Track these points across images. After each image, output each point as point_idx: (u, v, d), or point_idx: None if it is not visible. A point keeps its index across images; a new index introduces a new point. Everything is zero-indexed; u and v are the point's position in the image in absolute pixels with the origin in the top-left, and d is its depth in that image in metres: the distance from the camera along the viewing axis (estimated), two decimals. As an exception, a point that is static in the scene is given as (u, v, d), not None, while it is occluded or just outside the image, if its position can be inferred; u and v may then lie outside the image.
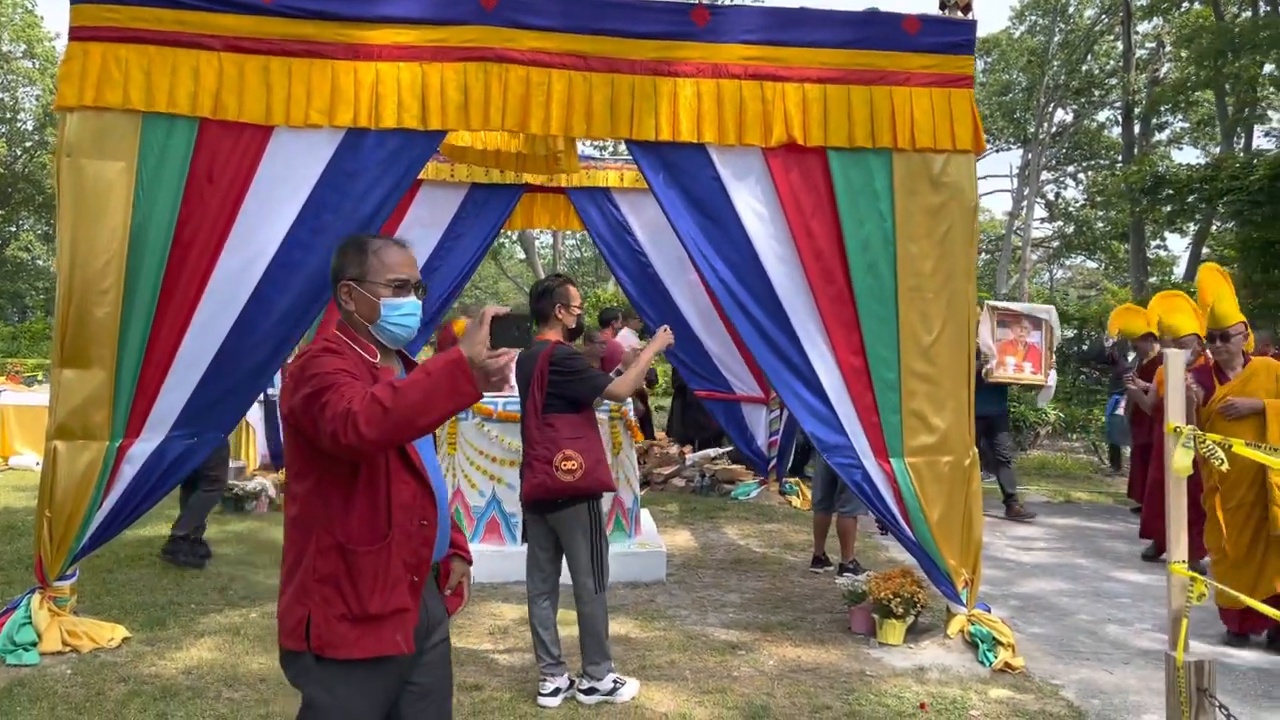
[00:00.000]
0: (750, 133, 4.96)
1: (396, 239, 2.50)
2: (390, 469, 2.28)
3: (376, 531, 2.26)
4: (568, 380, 4.23)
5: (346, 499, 2.26)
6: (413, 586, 2.32)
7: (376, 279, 2.38)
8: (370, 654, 2.24)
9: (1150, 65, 25.69)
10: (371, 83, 4.67)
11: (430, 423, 2.07)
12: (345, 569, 2.24)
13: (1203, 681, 2.87)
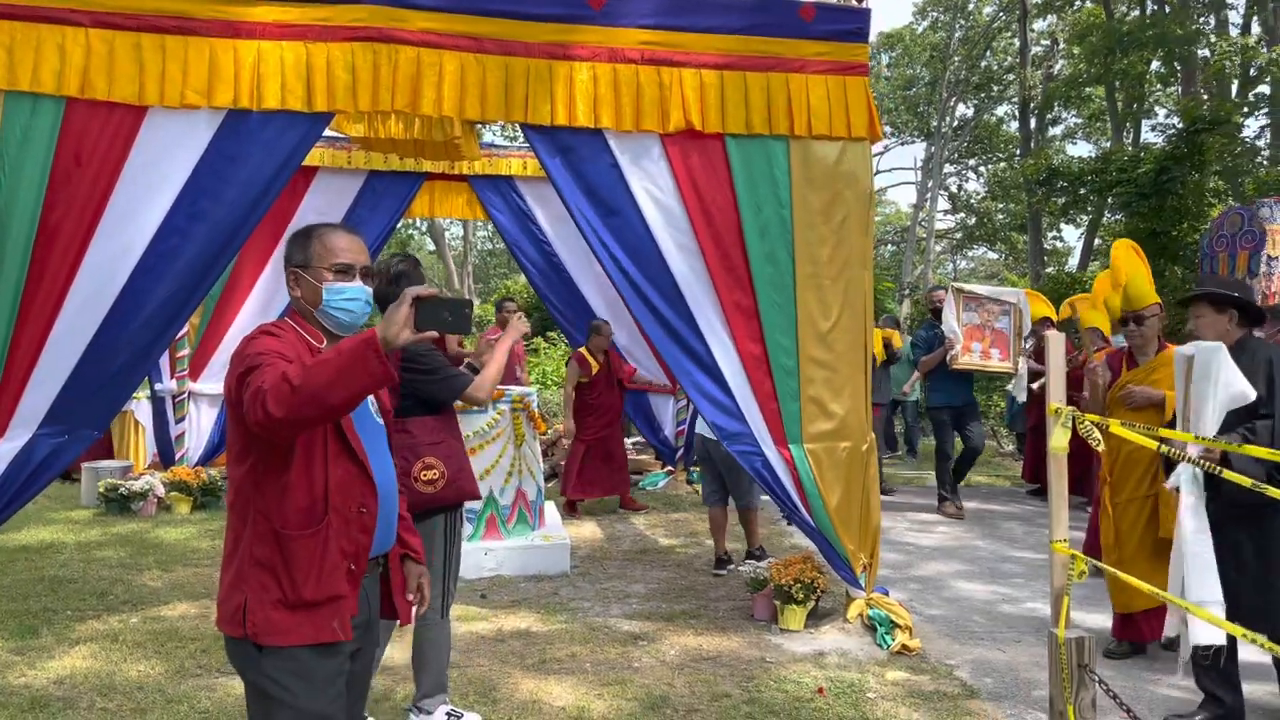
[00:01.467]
0: (648, 118, 4.90)
1: (344, 225, 2.50)
2: (329, 453, 2.24)
3: (312, 516, 2.22)
4: (422, 379, 3.68)
5: (282, 483, 2.22)
6: (351, 575, 2.27)
7: (320, 264, 2.39)
8: (307, 641, 2.21)
9: (1045, 62, 26.53)
10: (253, 62, 4.47)
11: (341, 402, 2.03)
12: (280, 555, 2.21)
13: (1083, 657, 2.93)
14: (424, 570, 2.61)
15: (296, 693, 2.21)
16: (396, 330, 2.02)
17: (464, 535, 6.14)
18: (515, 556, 6.18)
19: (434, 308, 2.06)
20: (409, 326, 2.03)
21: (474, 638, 4.97)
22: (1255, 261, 7.09)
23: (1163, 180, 13.86)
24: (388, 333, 2.01)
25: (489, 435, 6.16)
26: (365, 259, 2.44)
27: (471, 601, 5.58)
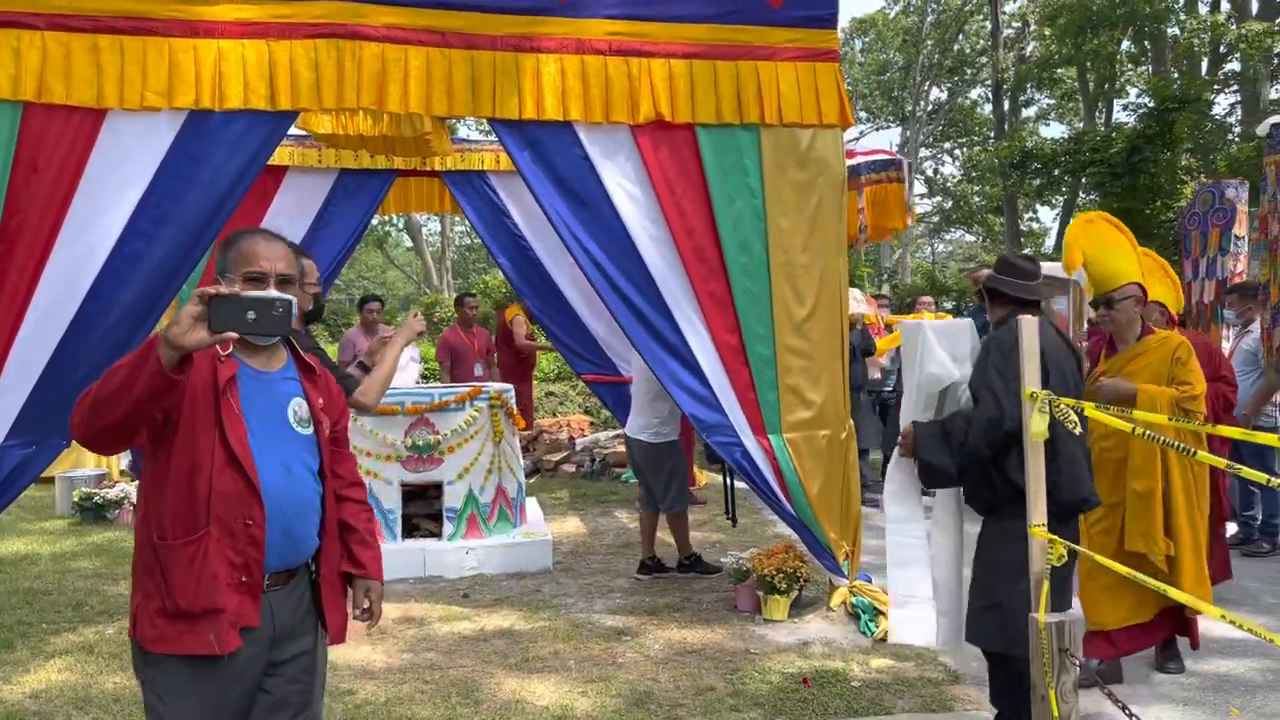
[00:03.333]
0: (617, 110, 4.86)
1: (266, 232, 2.43)
2: (214, 464, 2.18)
3: (191, 526, 2.17)
4: None
5: (162, 491, 2.19)
6: (240, 587, 2.20)
7: (234, 271, 2.33)
8: (181, 651, 2.16)
9: (1017, 44, 26.60)
10: (213, 61, 4.39)
11: (130, 407, 1.98)
12: (158, 562, 2.18)
13: (1064, 641, 2.92)
14: (375, 585, 2.53)
15: (166, 702, 2.19)
16: (181, 331, 1.92)
17: (445, 535, 6.13)
18: (497, 554, 6.14)
19: (234, 306, 1.96)
20: (201, 327, 1.94)
21: (456, 638, 4.93)
22: (1226, 239, 7.12)
23: (1135, 159, 13.95)
24: (171, 333, 1.93)
25: (467, 433, 6.12)
26: (285, 266, 2.34)
27: (454, 601, 5.54)
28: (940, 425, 3.46)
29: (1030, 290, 3.57)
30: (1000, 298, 3.63)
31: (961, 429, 3.36)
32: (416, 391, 6.29)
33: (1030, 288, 3.57)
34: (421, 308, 23.12)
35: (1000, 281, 3.61)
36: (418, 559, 6.04)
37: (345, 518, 2.50)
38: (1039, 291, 3.58)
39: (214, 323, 1.95)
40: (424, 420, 6.03)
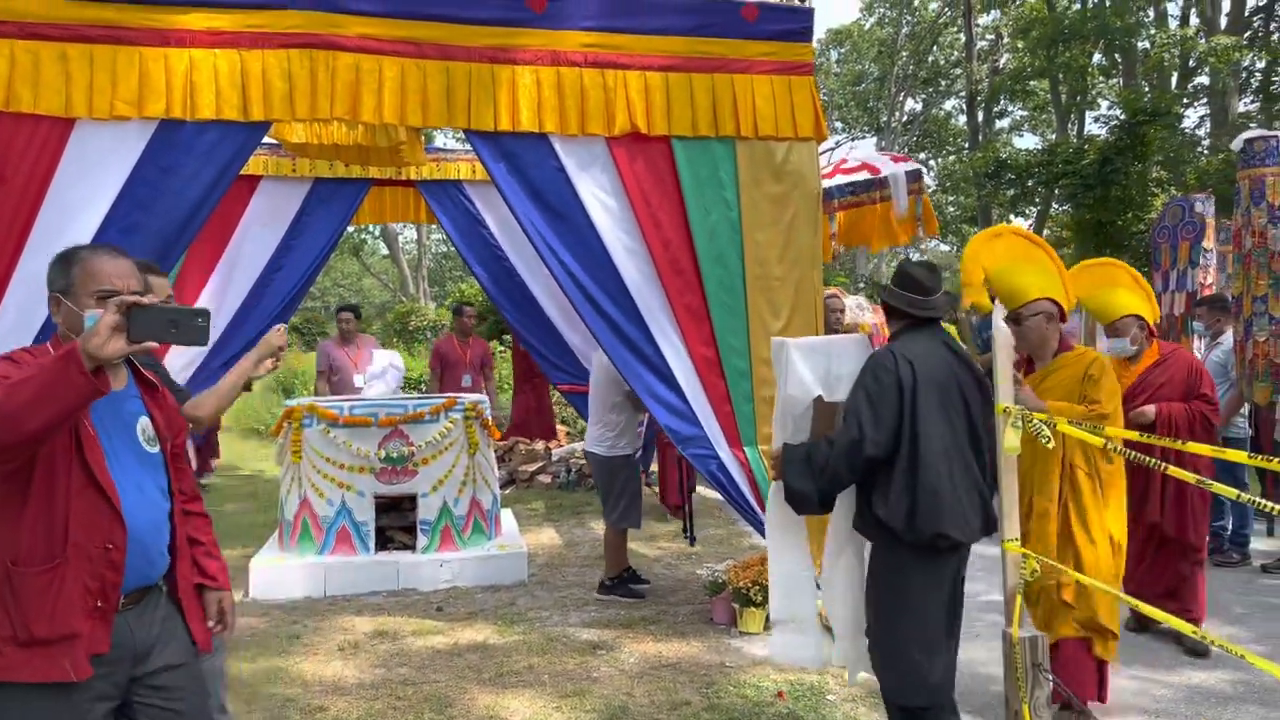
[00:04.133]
0: (593, 122, 4.86)
1: (110, 247, 2.37)
2: (71, 488, 2.14)
3: (48, 552, 2.13)
4: None
5: (18, 516, 2.13)
6: (96, 612, 2.18)
7: (82, 291, 2.25)
8: (35, 679, 2.12)
9: (990, 56, 26.87)
10: (185, 71, 4.36)
11: (44, 423, 1.94)
12: (10, 590, 2.12)
13: (1037, 656, 2.93)
14: (225, 596, 2.57)
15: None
16: (101, 341, 1.90)
17: (418, 547, 6.08)
18: (471, 567, 6.10)
19: (153, 316, 1.96)
20: (119, 337, 1.92)
21: (430, 652, 4.89)
22: (1195, 252, 7.21)
23: (1107, 171, 14.11)
24: (89, 344, 1.90)
25: (441, 445, 6.08)
26: (134, 284, 2.29)
27: (427, 615, 5.50)
28: (806, 449, 3.27)
29: (926, 306, 3.32)
30: (895, 313, 3.40)
31: (824, 453, 3.18)
32: (390, 402, 6.24)
33: (927, 304, 3.32)
34: (398, 316, 23.02)
35: (894, 296, 3.37)
36: (391, 572, 5.99)
37: (191, 532, 2.50)
38: (936, 307, 3.33)
39: (133, 332, 1.94)
40: (398, 432, 5.99)
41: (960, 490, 3.13)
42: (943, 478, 3.09)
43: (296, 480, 6.02)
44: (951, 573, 3.20)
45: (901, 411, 3.12)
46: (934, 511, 3.07)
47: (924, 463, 3.06)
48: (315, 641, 5.05)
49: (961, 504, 3.12)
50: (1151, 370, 4.78)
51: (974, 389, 3.28)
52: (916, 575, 3.17)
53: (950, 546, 3.14)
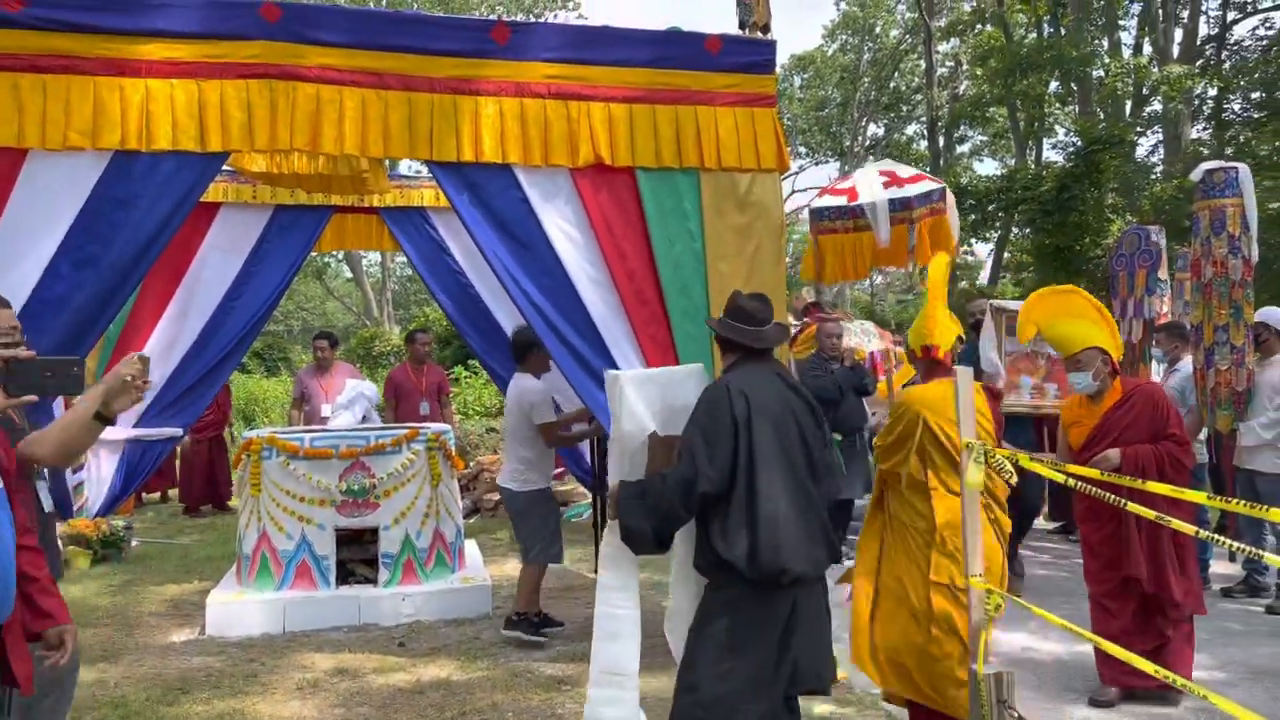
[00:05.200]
0: (557, 153, 4.84)
1: None
2: None
3: None
4: None
5: None
6: None
7: None
8: None
9: (950, 83, 27.31)
10: (140, 101, 4.28)
11: None
12: None
13: (1002, 693, 2.92)
14: (66, 629, 2.53)
15: None
16: None
17: (380, 581, 5.98)
18: (434, 601, 6.01)
19: (30, 368, 2.00)
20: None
21: (391, 690, 4.80)
22: (1152, 280, 7.32)
23: (1064, 197, 14.35)
24: None
25: (404, 476, 6.00)
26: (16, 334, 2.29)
27: (389, 651, 5.40)
28: (642, 486, 3.19)
29: (758, 338, 3.29)
30: (728, 345, 3.36)
31: (658, 489, 3.10)
32: (351, 434, 6.17)
33: (759, 335, 3.28)
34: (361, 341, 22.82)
35: (725, 328, 3.34)
36: (352, 607, 5.89)
37: (24, 568, 2.44)
38: (768, 338, 3.32)
39: (12, 386, 1.96)
40: (359, 464, 5.91)
41: (801, 522, 3.09)
42: (781, 511, 3.04)
43: (255, 513, 5.91)
44: (788, 609, 3.10)
45: (736, 446, 3.06)
46: (775, 546, 3.02)
47: (761, 497, 3.02)
48: (273, 681, 4.94)
49: (803, 536, 3.08)
50: (1116, 410, 4.48)
51: (808, 417, 3.24)
52: (753, 612, 3.08)
53: (792, 581, 3.07)
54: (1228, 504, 2.18)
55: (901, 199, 9.31)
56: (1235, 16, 21.22)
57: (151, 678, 5.00)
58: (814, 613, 3.19)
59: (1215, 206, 6.28)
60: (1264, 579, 6.41)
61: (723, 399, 3.12)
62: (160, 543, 8.49)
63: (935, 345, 3.95)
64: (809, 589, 3.16)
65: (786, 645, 3.09)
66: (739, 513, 3.04)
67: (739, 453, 3.06)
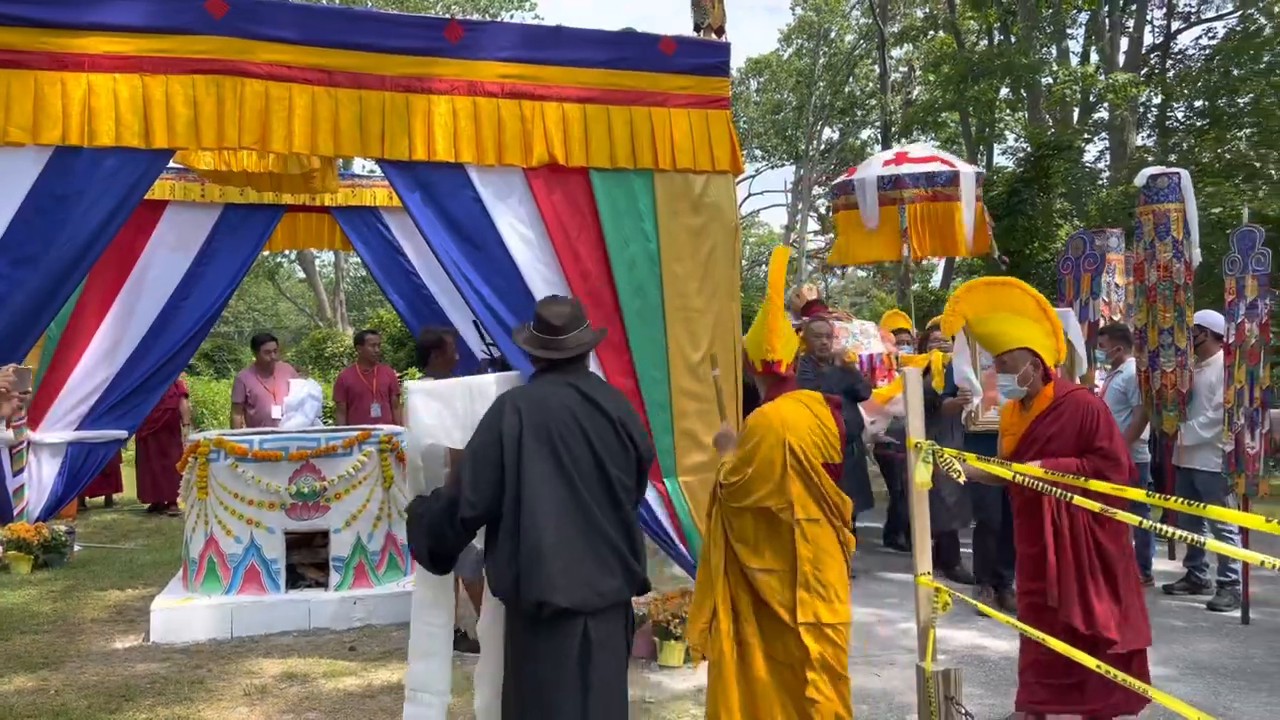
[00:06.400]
0: (510, 152, 4.82)
1: None
2: None
3: None
4: None
5: None
6: None
7: None
8: None
9: (904, 88, 27.65)
10: (82, 96, 4.19)
11: None
12: None
13: (949, 690, 2.96)
14: None
15: None
16: None
17: (331, 585, 5.91)
18: (386, 604, 5.95)
19: None
20: None
21: (341, 695, 4.74)
22: (1097, 284, 7.46)
23: (1014, 202, 14.56)
24: None
25: (355, 479, 5.93)
26: None
27: (340, 655, 5.34)
28: (423, 503, 3.01)
29: (555, 347, 3.02)
30: (529, 356, 3.11)
31: (429, 509, 2.93)
32: (301, 436, 6.08)
33: (554, 343, 3.02)
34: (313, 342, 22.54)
35: (522, 338, 3.11)
36: (302, 611, 5.80)
37: None
38: (567, 347, 3.02)
39: None
40: (309, 466, 5.82)
41: (578, 551, 2.81)
42: (549, 538, 2.77)
43: (202, 517, 5.81)
44: (576, 648, 2.80)
45: (503, 466, 2.81)
46: (538, 577, 2.75)
47: (528, 523, 2.78)
48: (220, 687, 4.85)
49: (583, 565, 2.81)
50: (1044, 418, 3.98)
51: (608, 435, 2.93)
52: (534, 648, 2.84)
53: (566, 616, 2.78)
54: (1166, 501, 2.23)
55: (893, 177, 8.76)
56: (1179, 26, 21.74)
57: (94, 685, 4.88)
58: (608, 646, 2.89)
59: (1159, 211, 6.42)
60: (1204, 576, 6.56)
61: (495, 415, 2.88)
62: (104, 547, 8.30)
63: (778, 360, 3.63)
64: (597, 620, 2.84)
65: (585, 679, 2.82)
66: (506, 539, 2.81)
67: (505, 474, 2.82)
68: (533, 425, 2.83)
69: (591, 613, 2.81)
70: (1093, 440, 3.86)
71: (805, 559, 3.33)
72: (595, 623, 2.82)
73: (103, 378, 7.63)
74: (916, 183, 8.70)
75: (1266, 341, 5.87)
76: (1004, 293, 4.17)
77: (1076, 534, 3.67)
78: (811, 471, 3.36)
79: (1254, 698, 4.63)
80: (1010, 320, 4.05)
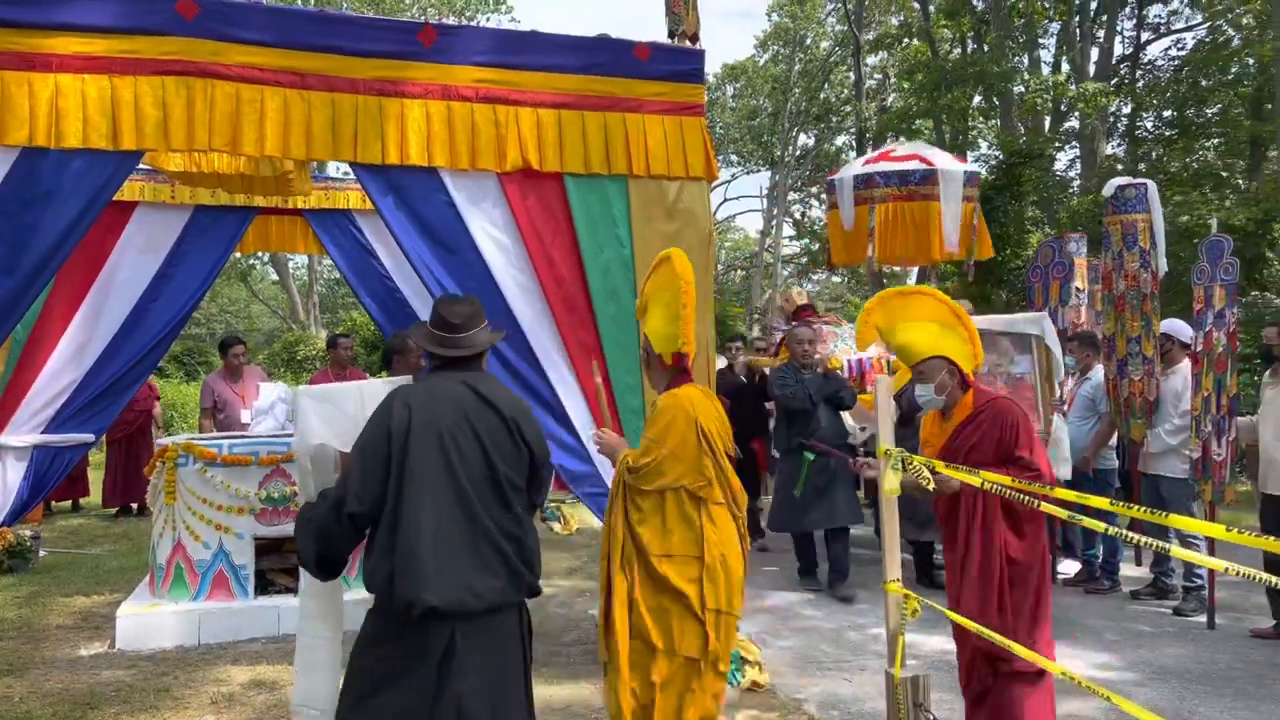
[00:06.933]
0: (484, 157, 4.82)
1: None
2: None
3: None
4: None
5: None
6: None
7: None
8: None
9: (878, 95, 27.84)
10: (50, 97, 4.15)
11: None
12: None
13: (918, 696, 2.98)
14: None
15: None
16: None
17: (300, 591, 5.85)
18: (357, 610, 5.75)
19: None
20: None
21: (308, 703, 4.69)
22: (1065, 292, 7.54)
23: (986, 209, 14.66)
24: None
25: (326, 484, 5.88)
26: None
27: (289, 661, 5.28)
28: (311, 506, 2.98)
29: (451, 345, 3.00)
30: (428, 355, 3.07)
31: (316, 510, 2.89)
32: (271, 440, 6.02)
33: (450, 341, 2.99)
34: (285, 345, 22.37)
35: (418, 335, 3.09)
36: (271, 617, 5.74)
37: None
38: (464, 345, 3.00)
39: None
40: (280, 471, 5.77)
41: (458, 550, 2.75)
42: (427, 537, 2.72)
43: (170, 522, 5.74)
44: (441, 646, 2.73)
45: (390, 462, 2.77)
46: (412, 575, 2.68)
47: (407, 519, 2.73)
48: (186, 695, 4.79)
49: (460, 565, 2.74)
50: (963, 428, 3.77)
51: (501, 434, 2.88)
52: (398, 646, 2.75)
53: (434, 618, 2.71)
54: (1131, 510, 2.25)
55: (864, 176, 8.47)
56: (1149, 37, 22.05)
57: (59, 693, 4.81)
58: (487, 651, 2.81)
59: (1126, 221, 6.50)
60: (1171, 582, 6.64)
61: (384, 411, 2.84)
62: (70, 552, 8.19)
63: (689, 353, 3.64)
64: (473, 624, 2.77)
65: (443, 686, 2.73)
66: (384, 536, 2.75)
67: (390, 470, 2.77)
68: (422, 421, 2.79)
69: (464, 616, 2.74)
70: (1011, 450, 3.64)
71: (713, 543, 3.37)
72: (468, 628, 2.75)
73: (70, 380, 7.51)
74: (889, 182, 8.52)
75: (1234, 350, 5.96)
76: (917, 301, 4.00)
77: (988, 548, 3.56)
78: (720, 456, 3.39)
79: (1219, 702, 4.69)
80: (924, 329, 3.88)
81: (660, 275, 3.81)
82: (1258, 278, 14.32)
